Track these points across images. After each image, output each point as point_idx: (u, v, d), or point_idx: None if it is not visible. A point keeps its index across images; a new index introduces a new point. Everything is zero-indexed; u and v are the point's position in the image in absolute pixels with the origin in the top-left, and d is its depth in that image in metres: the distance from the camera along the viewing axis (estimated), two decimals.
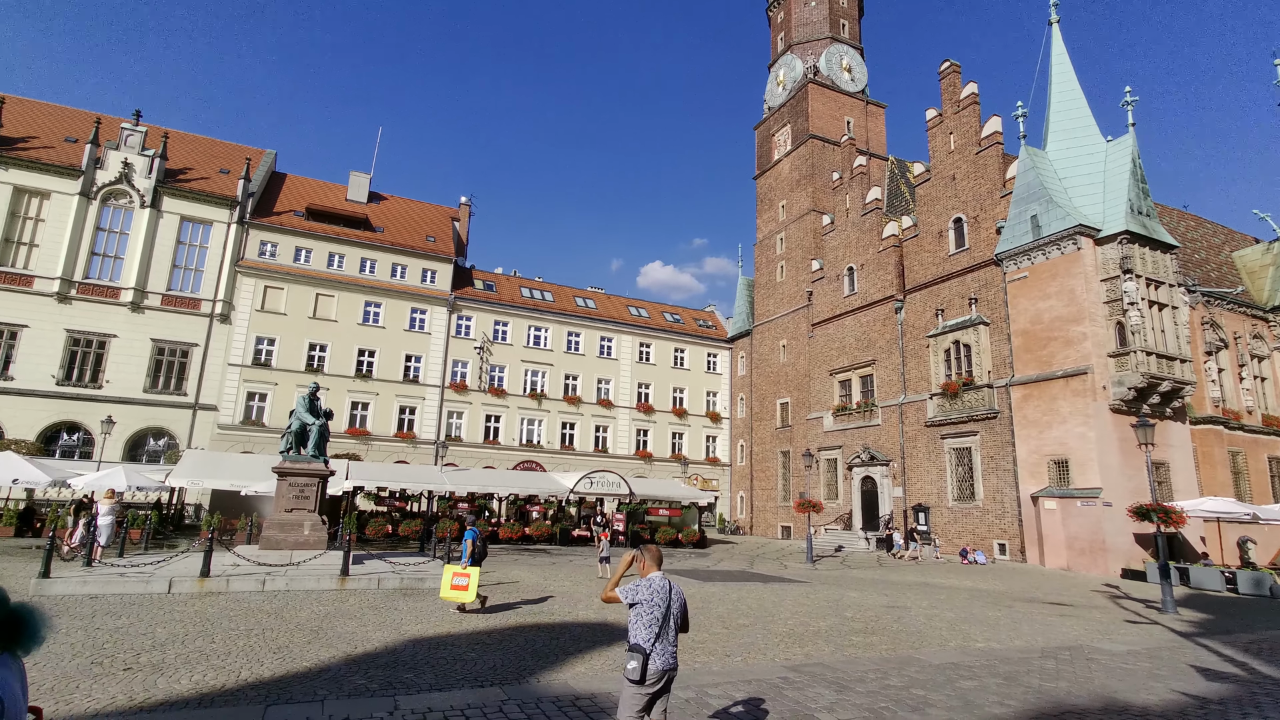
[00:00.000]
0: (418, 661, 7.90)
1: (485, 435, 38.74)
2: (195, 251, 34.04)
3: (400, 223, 41.26)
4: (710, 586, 16.03)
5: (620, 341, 43.93)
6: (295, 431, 15.77)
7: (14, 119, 32.96)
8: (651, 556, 4.67)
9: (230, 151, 39.29)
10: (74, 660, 7.31)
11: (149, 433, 31.78)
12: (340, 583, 13.17)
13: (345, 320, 36.25)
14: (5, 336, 29.84)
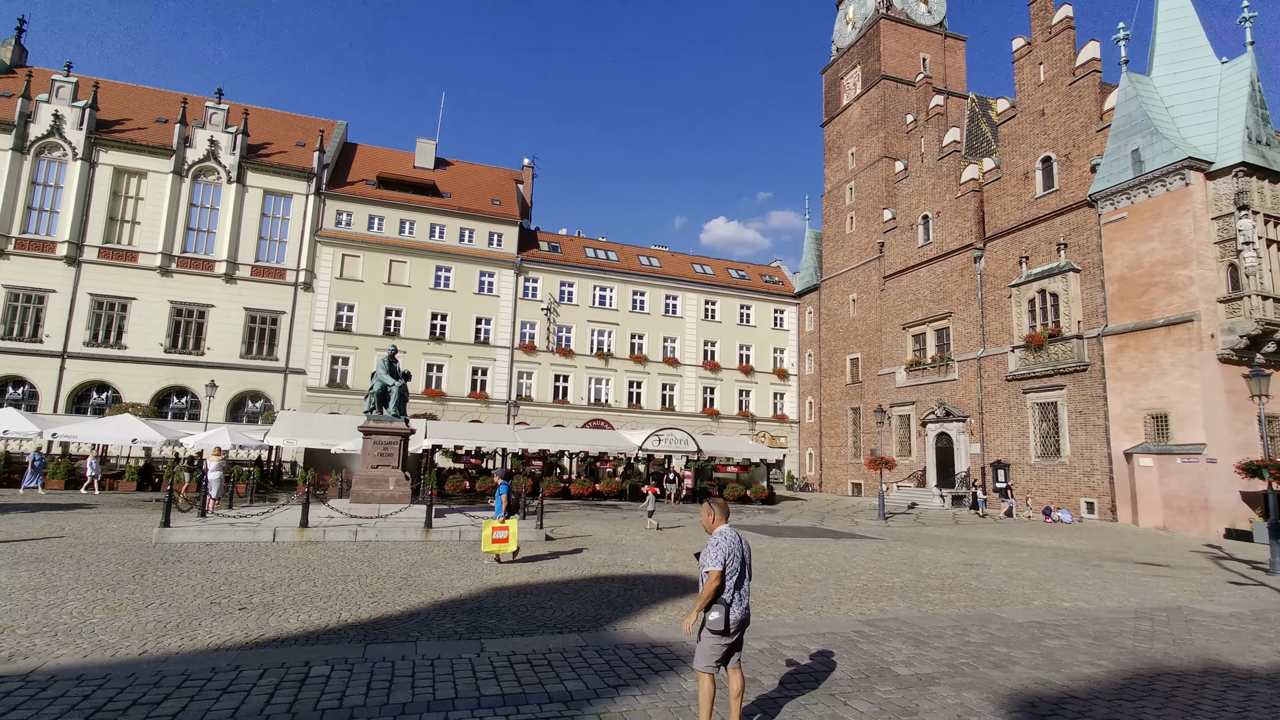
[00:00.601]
0: (500, 608, 8.29)
1: (554, 395, 39.60)
2: (278, 223, 35.71)
3: (466, 187, 41.91)
4: (780, 542, 16.06)
5: (685, 299, 43.65)
6: (377, 393, 16.54)
7: (110, 103, 35.04)
8: (720, 510, 4.68)
9: (305, 125, 40.64)
10: (195, 601, 8.05)
11: (247, 395, 34.09)
12: (425, 535, 13.91)
13: (418, 285, 37.43)
14: (117, 309, 32.39)
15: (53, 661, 5.70)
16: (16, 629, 6.60)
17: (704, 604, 4.29)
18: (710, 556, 4.36)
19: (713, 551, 4.38)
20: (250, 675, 5.50)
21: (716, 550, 4.39)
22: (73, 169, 32.42)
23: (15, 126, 31.64)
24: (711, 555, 4.37)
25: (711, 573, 4.32)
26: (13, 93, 33.02)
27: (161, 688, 5.16)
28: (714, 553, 4.37)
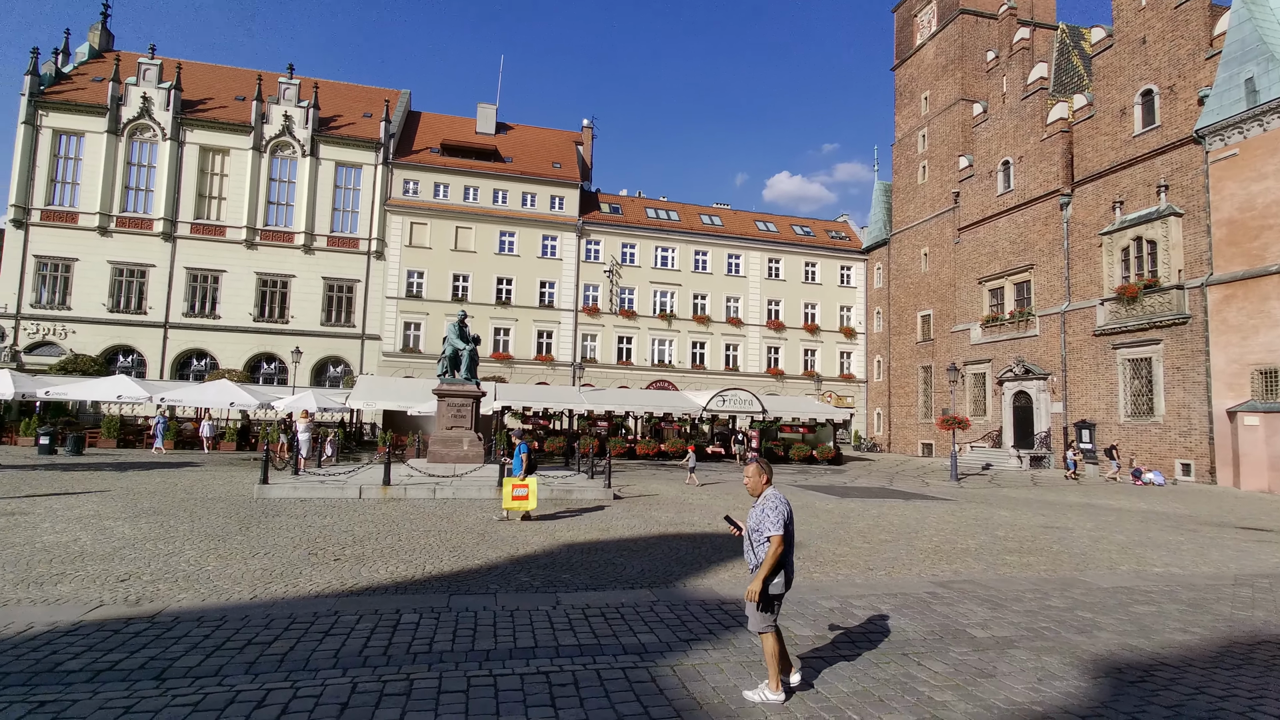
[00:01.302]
0: (573, 564, 8.60)
1: (618, 356, 39.97)
2: (350, 194, 36.92)
3: (527, 151, 42.06)
4: (849, 502, 15.90)
5: (748, 258, 42.87)
6: (449, 357, 17.12)
7: (192, 83, 36.70)
8: (768, 471, 4.65)
9: (370, 95, 41.51)
10: (294, 551, 8.70)
11: (328, 361, 35.92)
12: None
13: (483, 250, 38.15)
14: (210, 281, 34.50)
15: (175, 605, 6.30)
16: (142, 575, 7.31)
17: (770, 569, 4.28)
18: (772, 520, 4.33)
19: (773, 515, 4.34)
20: (348, 620, 5.93)
21: (777, 514, 4.35)
22: (163, 149, 34.33)
23: (109, 110, 33.64)
24: (773, 519, 4.33)
25: (776, 537, 4.30)
26: (104, 77, 35.00)
27: (271, 629, 5.64)
28: (775, 516, 4.34)
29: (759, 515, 4.41)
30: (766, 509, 4.39)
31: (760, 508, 4.44)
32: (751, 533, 4.46)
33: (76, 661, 4.83)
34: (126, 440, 25.79)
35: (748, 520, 4.57)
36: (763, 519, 4.37)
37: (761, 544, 4.39)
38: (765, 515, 4.37)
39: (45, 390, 24.29)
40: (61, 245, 32.94)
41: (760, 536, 4.40)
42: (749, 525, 4.50)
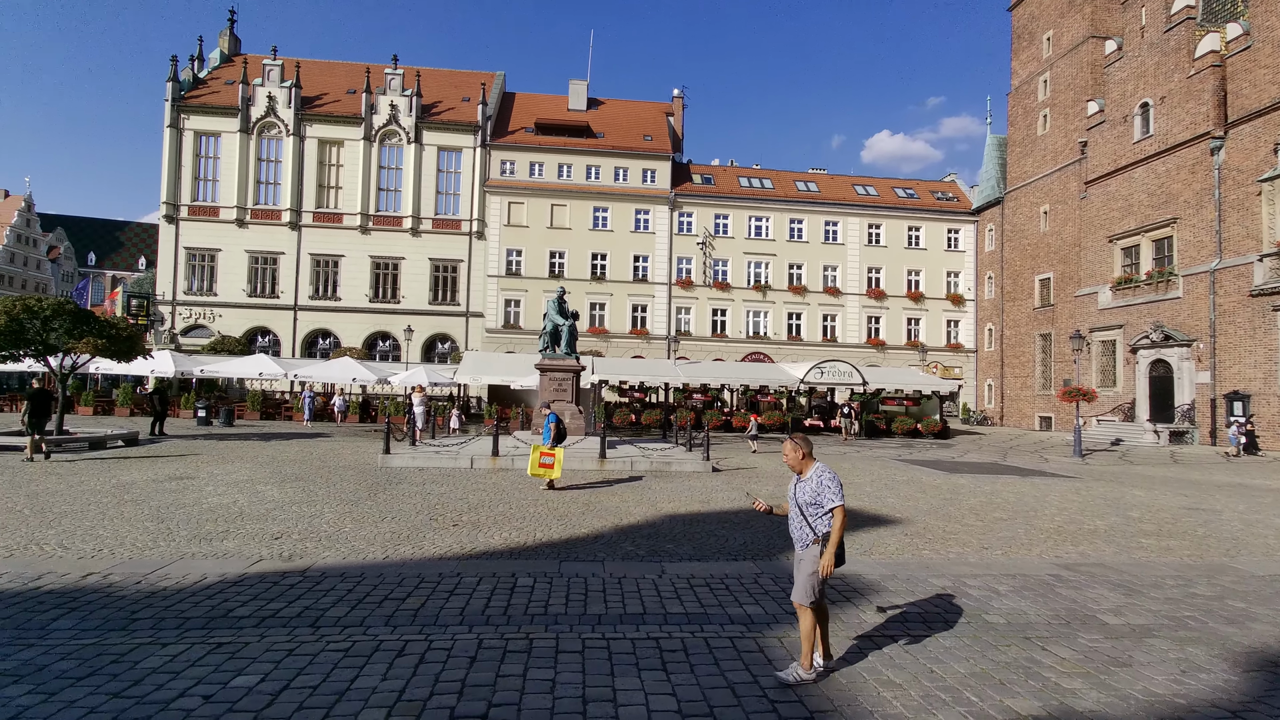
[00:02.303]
0: (675, 534, 8.77)
1: (712, 329, 39.75)
2: (452, 177, 38.48)
3: (618, 125, 42.12)
4: (958, 478, 15.20)
5: (846, 224, 41.19)
6: (549, 332, 17.67)
7: (309, 80, 39.22)
8: (809, 446, 4.60)
9: (467, 79, 42.83)
10: (417, 517, 9.38)
11: (436, 338, 37.98)
12: (599, 464, 14.91)
13: (578, 227, 38.80)
14: (330, 265, 37.17)
15: (320, 561, 6.99)
16: (291, 534, 8.14)
17: (838, 542, 4.29)
18: (834, 491, 4.32)
19: (834, 486, 4.34)
20: (469, 582, 6.37)
21: (836, 485, 4.37)
22: (287, 144, 37.06)
23: (240, 110, 36.63)
24: (834, 490, 4.33)
25: (841, 508, 4.31)
26: (234, 80, 38.06)
27: (404, 587, 6.16)
28: (836, 487, 4.35)
29: (816, 488, 4.36)
30: (825, 481, 4.36)
31: (816, 481, 4.39)
32: (808, 507, 4.38)
33: (245, 609, 5.48)
34: (268, 413, 28.51)
35: (797, 495, 4.47)
36: (822, 491, 4.34)
37: (821, 517, 4.34)
38: (825, 487, 4.34)
39: (200, 369, 27.23)
40: (206, 237, 36.48)
41: (819, 510, 4.34)
42: (803, 500, 4.41)
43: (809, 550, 4.35)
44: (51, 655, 4.47)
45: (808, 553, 4.35)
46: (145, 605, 5.50)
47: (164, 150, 36.41)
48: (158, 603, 5.56)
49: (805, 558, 4.36)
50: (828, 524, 4.30)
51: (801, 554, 4.42)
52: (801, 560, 4.39)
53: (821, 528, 4.32)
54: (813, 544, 4.33)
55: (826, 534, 4.30)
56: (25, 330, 15.25)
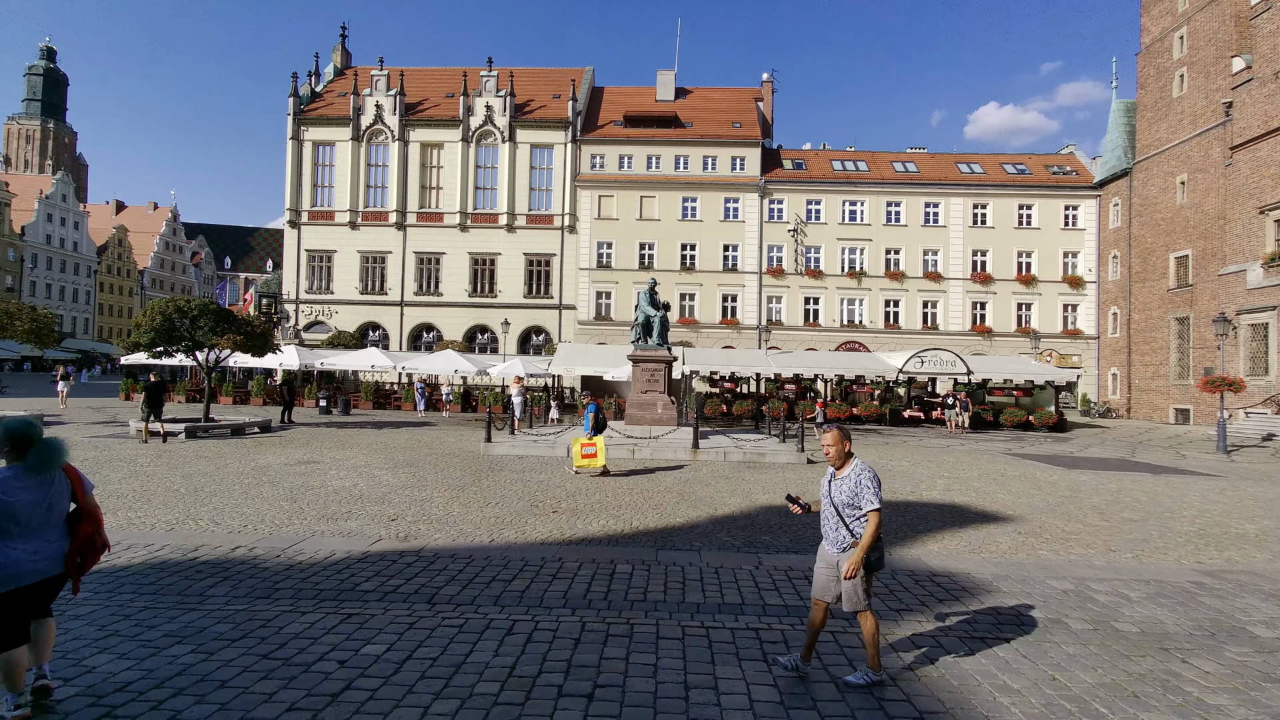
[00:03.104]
0: (771, 526, 8.69)
1: (805, 318, 38.79)
2: (544, 174, 39.49)
3: (706, 114, 41.74)
4: (1078, 474, 14.14)
5: (948, 205, 38.96)
6: (641, 324, 17.85)
7: (412, 87, 41.28)
8: (848, 438, 4.35)
9: (557, 77, 43.70)
10: (519, 503, 9.78)
11: (531, 330, 39.20)
12: (693, 455, 14.96)
13: (667, 218, 38.83)
14: (432, 263, 39.13)
15: (432, 542, 7.44)
16: (405, 516, 8.70)
17: (869, 546, 4.04)
18: (872, 494, 4.07)
19: (872, 487, 4.09)
20: (570, 566, 6.60)
21: (876, 485, 4.11)
22: (392, 149, 39.26)
23: (351, 120, 39.12)
24: (873, 492, 4.07)
25: (877, 512, 4.07)
26: (346, 92, 40.65)
27: (509, 569, 6.46)
28: (874, 488, 4.09)
29: (854, 488, 4.13)
30: (864, 481, 4.13)
31: (855, 480, 4.15)
32: (844, 508, 4.15)
33: (369, 584, 5.93)
34: (379, 402, 30.47)
35: (832, 494, 4.24)
36: (860, 491, 4.11)
37: (858, 519, 4.12)
38: (864, 487, 4.11)
39: (320, 362, 29.47)
40: (324, 240, 39.31)
41: (856, 512, 4.12)
42: (840, 499, 4.18)
43: (847, 554, 4.12)
44: (209, 619, 5.02)
45: (846, 557, 4.13)
46: (285, 576, 6.06)
47: (287, 161, 39.48)
48: (295, 575, 6.12)
49: (844, 562, 4.13)
50: (865, 526, 4.10)
51: (838, 556, 4.18)
52: (840, 564, 4.16)
53: (859, 530, 4.11)
54: (851, 547, 4.12)
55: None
56: (177, 328, 17.07)
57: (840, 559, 4.14)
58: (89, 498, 3.79)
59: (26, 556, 3.45)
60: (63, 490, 3.65)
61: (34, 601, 3.57)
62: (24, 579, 3.45)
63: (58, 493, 3.62)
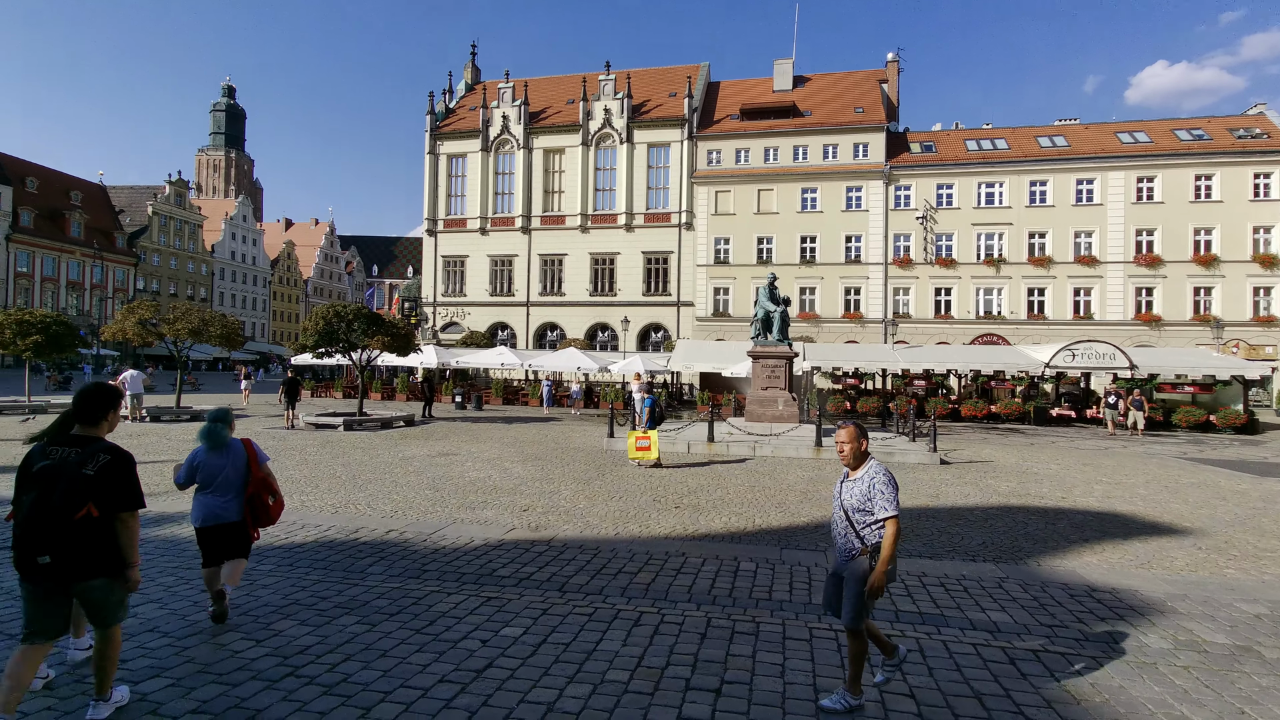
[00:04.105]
0: (902, 529, 8.28)
1: (935, 310, 36.49)
2: (661, 172, 39.89)
3: (826, 101, 40.33)
4: (1272, 483, 12.30)
5: (1105, 181, 35.08)
6: (761, 319, 17.60)
7: (535, 96, 43.15)
8: (865, 436, 3.96)
9: (673, 75, 43.93)
10: (642, 497, 9.98)
11: (650, 327, 39.77)
12: (815, 452, 14.56)
13: (785, 210, 37.95)
14: (556, 264, 40.71)
15: (561, 534, 7.77)
16: (535, 508, 9.15)
17: (890, 557, 3.67)
18: (888, 498, 3.70)
19: (889, 492, 3.72)
20: (694, 562, 6.66)
21: (892, 491, 3.74)
22: (518, 157, 41.26)
23: (480, 132, 41.53)
24: (889, 497, 3.71)
25: (895, 521, 3.69)
26: (475, 106, 43.19)
27: (634, 562, 6.62)
28: (891, 494, 3.73)
29: (867, 492, 3.76)
30: (878, 485, 3.75)
31: (868, 483, 3.78)
32: (855, 512, 3.78)
33: (505, 570, 6.31)
34: (508, 399, 32.20)
35: (843, 496, 3.89)
36: (873, 496, 3.73)
37: (870, 526, 3.75)
38: (878, 492, 3.73)
39: (455, 360, 31.60)
40: (457, 246, 42.07)
41: (868, 518, 3.75)
42: (851, 503, 3.82)
43: (856, 563, 3.78)
44: (370, 594, 5.57)
45: (854, 566, 3.79)
46: (432, 559, 6.59)
47: (425, 174, 42.63)
48: (440, 558, 6.63)
49: (852, 572, 3.79)
50: (877, 534, 3.74)
51: (846, 566, 3.84)
52: (847, 575, 3.83)
53: (870, 538, 3.76)
54: (859, 555, 3.78)
55: (876, 545, 3.74)
56: (335, 331, 18.96)
57: (848, 569, 3.80)
58: (262, 468, 5.00)
59: (209, 505, 4.82)
60: (239, 461, 4.90)
61: (218, 539, 4.84)
62: (206, 521, 4.81)
63: (234, 463, 4.88)
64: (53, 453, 3.33)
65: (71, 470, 3.26)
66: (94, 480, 3.27)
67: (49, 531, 3.19)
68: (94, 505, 3.25)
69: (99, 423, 3.52)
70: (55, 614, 3.31)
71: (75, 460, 3.29)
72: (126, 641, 4.42)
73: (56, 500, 3.20)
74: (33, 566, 3.21)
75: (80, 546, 3.24)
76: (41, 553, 3.19)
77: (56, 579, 3.24)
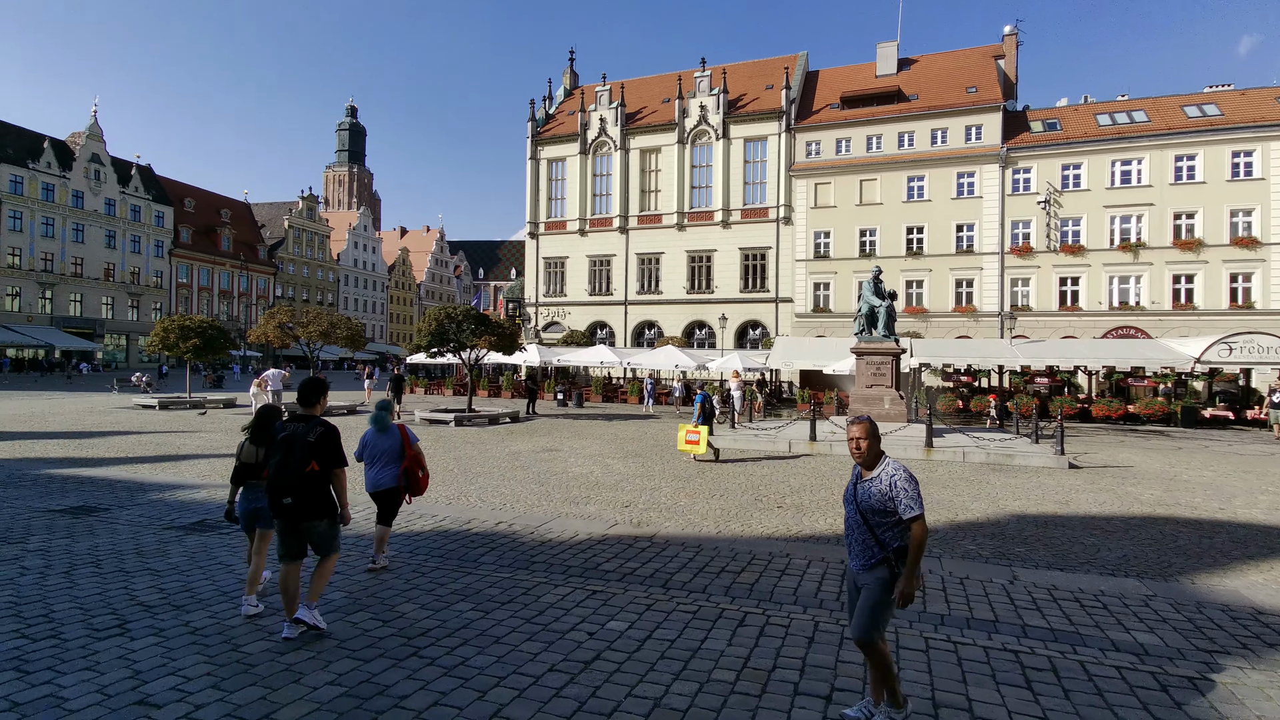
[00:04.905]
0: (1026, 537, 7.71)
1: (1059, 301, 33.65)
2: (758, 167, 39.21)
3: (935, 83, 38.16)
4: None
5: (1267, 151, 31.00)
6: (865, 314, 16.92)
7: (631, 97, 43.61)
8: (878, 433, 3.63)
9: (769, 67, 43.05)
10: (743, 496, 9.86)
11: (747, 324, 39.22)
12: (926, 454, 13.83)
13: (889, 201, 36.27)
14: (653, 263, 40.99)
15: (663, 530, 7.81)
16: (637, 504, 9.24)
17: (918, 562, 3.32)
18: (911, 496, 3.35)
19: (914, 490, 3.38)
20: (799, 563, 6.50)
21: (915, 489, 3.40)
22: (615, 158, 41.86)
23: (579, 135, 42.47)
24: (912, 495, 3.36)
25: (922, 520, 3.35)
26: (574, 110, 44.21)
27: (737, 561, 6.55)
28: (914, 492, 3.38)
29: (886, 492, 3.40)
30: (899, 483, 3.39)
31: (887, 481, 3.42)
32: (872, 515, 3.42)
33: (609, 564, 6.42)
34: (608, 396, 32.78)
35: (859, 497, 3.51)
36: (895, 495, 3.38)
37: (891, 528, 3.39)
38: (901, 490, 3.37)
39: (556, 359, 32.53)
40: (558, 248, 43.28)
41: (888, 519, 3.39)
42: (868, 504, 3.45)
43: (874, 572, 3.42)
44: (483, 582, 5.83)
45: (872, 575, 3.43)
46: (539, 551, 6.81)
47: (527, 179, 44.13)
48: (547, 550, 6.84)
49: (869, 581, 3.44)
50: (900, 538, 3.39)
51: (862, 575, 3.48)
52: (864, 583, 3.47)
53: (892, 541, 3.40)
54: (879, 564, 3.42)
55: (899, 549, 3.38)
56: (446, 332, 20.02)
57: (865, 578, 3.46)
58: (414, 447, 6.30)
59: (376, 475, 6.17)
60: (395, 442, 6.22)
61: (382, 500, 6.19)
62: (375, 486, 6.15)
63: (392, 443, 6.21)
64: (289, 427, 4.62)
65: (301, 438, 4.52)
66: (315, 445, 4.51)
67: (289, 480, 4.46)
68: (316, 462, 4.49)
69: (315, 405, 4.81)
70: (296, 544, 4.59)
71: (303, 432, 4.55)
72: (268, 618, 4.88)
73: (293, 459, 4.46)
74: (280, 506, 4.47)
75: (309, 493, 4.49)
76: (285, 495, 4.45)
77: (294, 517, 4.49)
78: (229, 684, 3.87)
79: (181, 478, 10.51)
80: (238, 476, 5.15)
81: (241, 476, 5.14)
